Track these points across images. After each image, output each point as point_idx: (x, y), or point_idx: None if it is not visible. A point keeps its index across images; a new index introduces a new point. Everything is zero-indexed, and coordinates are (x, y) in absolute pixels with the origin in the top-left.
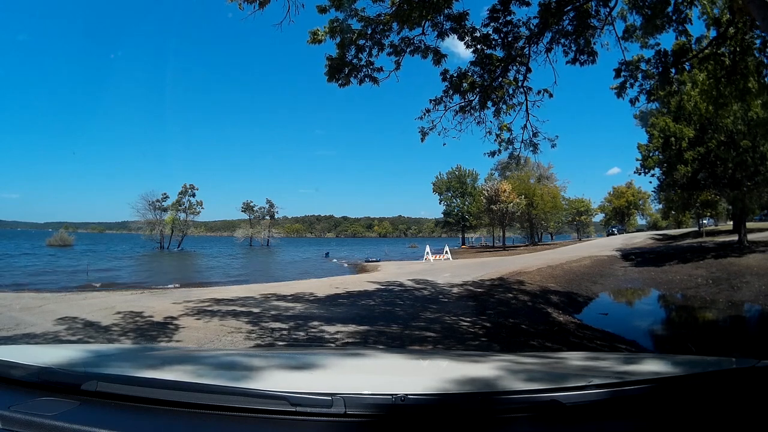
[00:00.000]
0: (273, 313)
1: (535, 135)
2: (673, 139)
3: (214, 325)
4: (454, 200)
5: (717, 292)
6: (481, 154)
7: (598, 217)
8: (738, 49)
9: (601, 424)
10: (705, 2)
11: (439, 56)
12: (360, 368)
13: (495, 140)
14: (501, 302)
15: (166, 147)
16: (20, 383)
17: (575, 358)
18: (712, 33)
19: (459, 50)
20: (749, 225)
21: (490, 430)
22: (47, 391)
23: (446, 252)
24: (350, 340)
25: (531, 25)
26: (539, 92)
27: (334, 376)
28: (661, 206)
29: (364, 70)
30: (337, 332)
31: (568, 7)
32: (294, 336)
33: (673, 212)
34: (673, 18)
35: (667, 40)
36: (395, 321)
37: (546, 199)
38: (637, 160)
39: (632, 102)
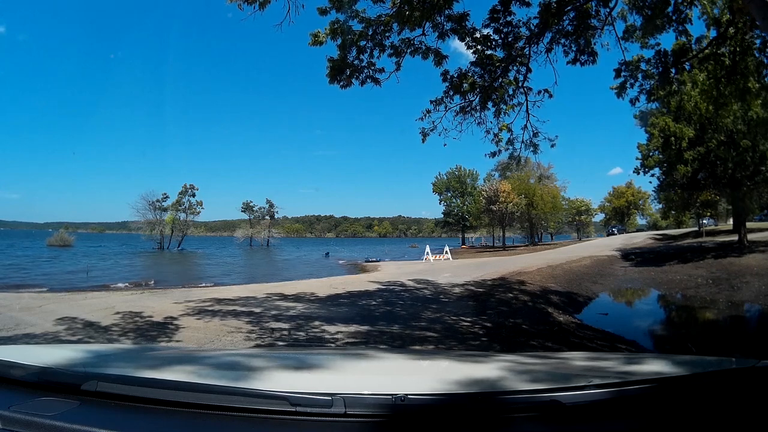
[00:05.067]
0: (273, 313)
1: (535, 135)
2: (673, 138)
3: (215, 325)
4: (454, 200)
5: (717, 292)
6: (482, 154)
7: (598, 217)
8: (738, 49)
9: (602, 424)
10: (705, 2)
11: (440, 57)
12: (360, 368)
13: (492, 140)
14: (501, 302)
15: (166, 147)
16: (20, 383)
17: (576, 358)
18: (712, 33)
19: (463, 50)
20: (749, 225)
21: (491, 430)
22: (47, 391)
23: (446, 252)
24: (351, 340)
25: (531, 25)
26: (539, 92)
27: (334, 376)
28: (661, 206)
29: (365, 71)
30: (338, 332)
31: (568, 8)
32: (294, 336)
33: (673, 212)
34: (673, 18)
35: (667, 40)
36: (396, 321)
37: (546, 199)
38: (637, 159)
39: (632, 102)
